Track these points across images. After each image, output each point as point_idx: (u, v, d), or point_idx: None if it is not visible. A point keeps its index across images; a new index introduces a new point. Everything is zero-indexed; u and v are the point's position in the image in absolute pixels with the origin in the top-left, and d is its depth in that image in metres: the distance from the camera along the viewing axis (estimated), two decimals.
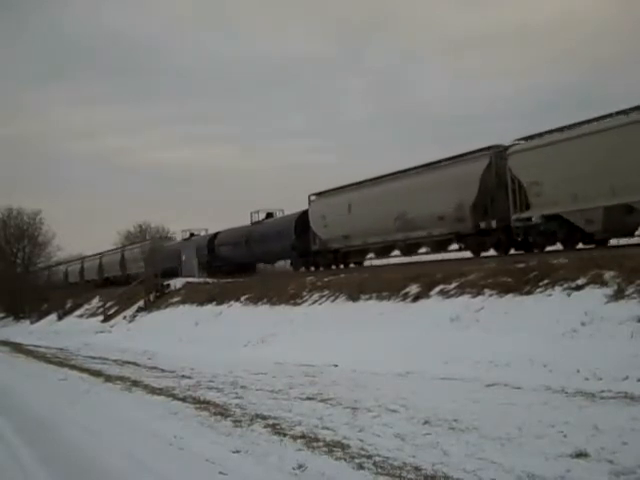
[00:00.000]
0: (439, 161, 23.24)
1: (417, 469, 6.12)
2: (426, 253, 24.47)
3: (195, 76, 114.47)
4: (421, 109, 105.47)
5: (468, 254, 22.19)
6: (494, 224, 20.20)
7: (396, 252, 25.96)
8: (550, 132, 18.79)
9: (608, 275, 12.29)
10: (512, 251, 20.60)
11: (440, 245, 23.43)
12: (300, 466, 6.37)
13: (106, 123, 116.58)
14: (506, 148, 20.21)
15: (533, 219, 18.95)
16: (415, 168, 24.21)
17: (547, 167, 18.26)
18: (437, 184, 22.12)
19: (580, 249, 18.04)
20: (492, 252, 20.91)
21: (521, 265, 15.06)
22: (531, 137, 19.48)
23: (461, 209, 21.19)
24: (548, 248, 19.13)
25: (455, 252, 23.21)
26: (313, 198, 30.05)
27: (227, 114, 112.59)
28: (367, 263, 28.14)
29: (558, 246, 18.96)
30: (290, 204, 34.58)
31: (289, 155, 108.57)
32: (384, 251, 26.40)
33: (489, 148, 20.90)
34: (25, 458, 7.74)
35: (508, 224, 19.73)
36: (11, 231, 63.09)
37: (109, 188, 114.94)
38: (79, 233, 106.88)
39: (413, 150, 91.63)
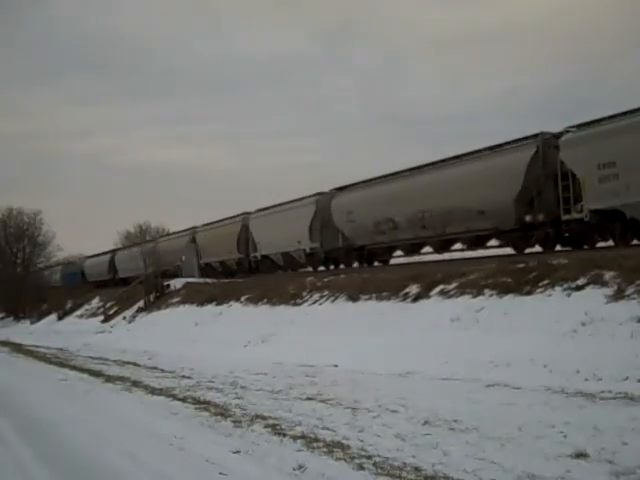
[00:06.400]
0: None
1: (417, 469, 6.12)
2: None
3: (189, 76, 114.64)
4: (411, 109, 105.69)
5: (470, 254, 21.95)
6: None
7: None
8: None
9: (608, 275, 12.29)
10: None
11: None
12: (300, 466, 6.37)
13: (106, 123, 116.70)
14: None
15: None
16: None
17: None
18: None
19: (580, 249, 18.04)
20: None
21: (521, 265, 15.06)
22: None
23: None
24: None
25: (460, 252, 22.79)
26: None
27: (224, 113, 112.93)
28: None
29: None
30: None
31: (283, 154, 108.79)
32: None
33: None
34: (25, 458, 7.74)
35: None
36: (11, 231, 62.94)
37: (109, 188, 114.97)
38: (79, 233, 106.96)
39: (406, 150, 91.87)
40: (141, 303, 34.30)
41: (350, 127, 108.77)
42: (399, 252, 26.06)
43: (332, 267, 28.57)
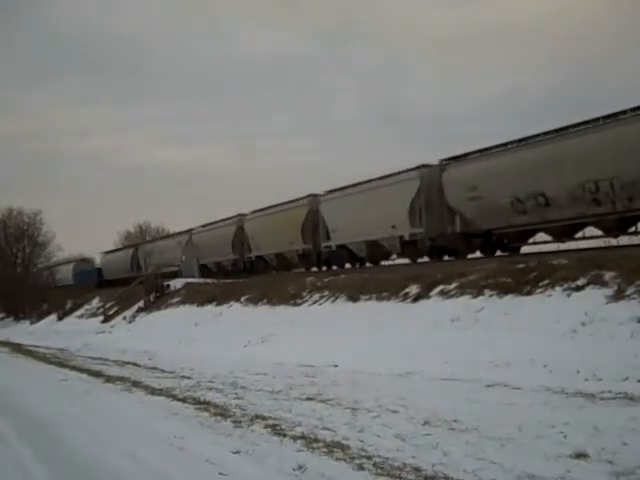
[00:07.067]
0: None
1: (417, 470, 6.12)
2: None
3: (189, 76, 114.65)
4: (411, 109, 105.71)
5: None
6: None
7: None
8: None
9: (608, 275, 12.29)
10: None
11: None
12: (300, 467, 6.37)
13: (106, 123, 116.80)
14: None
15: None
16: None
17: None
18: None
19: (580, 249, 18.02)
20: None
21: (521, 265, 15.06)
22: None
23: None
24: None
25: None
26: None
27: (224, 113, 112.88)
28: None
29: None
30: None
31: (282, 155, 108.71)
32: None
33: None
34: (25, 458, 7.73)
35: None
36: (11, 231, 63.01)
37: (109, 188, 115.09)
38: (79, 233, 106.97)
39: (406, 150, 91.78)
40: (141, 303, 34.31)
41: (350, 127, 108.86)
42: (537, 237, 20.56)
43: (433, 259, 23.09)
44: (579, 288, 12.50)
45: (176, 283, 34.24)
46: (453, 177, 21.88)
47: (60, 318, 46.14)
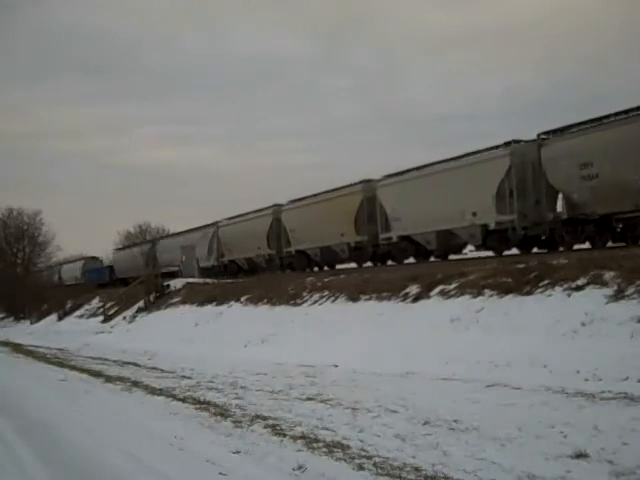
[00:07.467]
0: None
1: (417, 470, 6.12)
2: None
3: (189, 76, 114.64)
4: (411, 109, 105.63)
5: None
6: None
7: None
8: None
9: (608, 275, 12.29)
10: None
11: None
12: (300, 467, 6.37)
13: (105, 123, 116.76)
14: None
15: None
16: None
17: None
18: None
19: (580, 249, 18.01)
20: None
21: (521, 265, 15.06)
22: None
23: None
24: None
25: None
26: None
27: (224, 114, 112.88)
28: None
29: None
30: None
31: (283, 154, 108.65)
32: None
33: None
34: (25, 458, 7.73)
35: None
36: (11, 231, 63.03)
37: (109, 188, 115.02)
38: (79, 233, 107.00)
39: (406, 150, 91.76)
40: (141, 303, 34.30)
41: (350, 127, 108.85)
42: None
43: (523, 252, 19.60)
44: (579, 288, 12.50)
45: (176, 283, 34.23)
46: (558, 153, 18.26)
47: (60, 318, 46.12)
